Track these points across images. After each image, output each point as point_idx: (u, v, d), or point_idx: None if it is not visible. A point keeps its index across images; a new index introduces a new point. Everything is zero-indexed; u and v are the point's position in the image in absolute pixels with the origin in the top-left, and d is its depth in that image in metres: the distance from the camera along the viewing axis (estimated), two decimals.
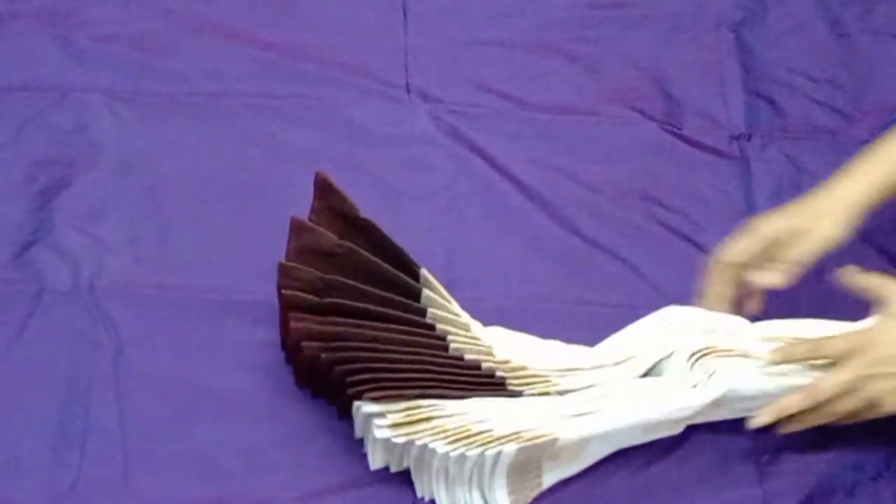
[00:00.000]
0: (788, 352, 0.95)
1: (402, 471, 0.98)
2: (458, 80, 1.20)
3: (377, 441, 0.95)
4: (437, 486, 0.97)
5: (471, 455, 0.91)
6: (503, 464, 0.93)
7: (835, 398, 0.93)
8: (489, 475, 0.95)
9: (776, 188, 1.15)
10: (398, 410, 0.92)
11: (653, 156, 1.16)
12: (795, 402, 0.93)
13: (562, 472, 0.98)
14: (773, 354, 0.95)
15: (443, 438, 0.91)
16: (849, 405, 0.94)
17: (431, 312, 0.97)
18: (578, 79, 1.21)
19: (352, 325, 0.95)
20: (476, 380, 0.95)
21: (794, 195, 1.10)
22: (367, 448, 0.99)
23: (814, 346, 0.95)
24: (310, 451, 1.00)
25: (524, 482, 0.97)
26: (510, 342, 0.98)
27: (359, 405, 0.94)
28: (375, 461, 0.98)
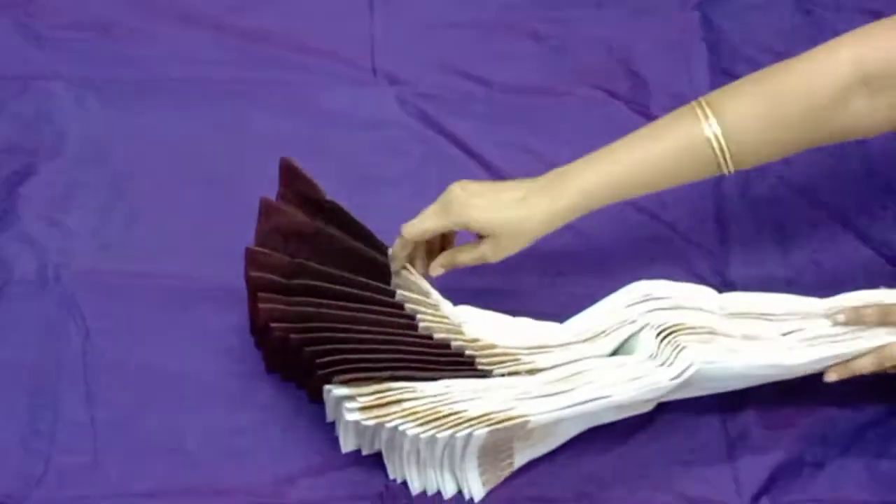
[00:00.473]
0: (859, 315, 0.97)
1: (374, 453, 0.98)
2: (426, 63, 1.20)
3: (348, 424, 0.95)
4: (409, 469, 0.97)
5: (441, 437, 0.91)
6: (474, 445, 0.93)
7: None
8: (460, 457, 0.95)
9: None
10: (368, 393, 0.92)
11: (621, 135, 1.16)
12: (868, 365, 0.96)
13: (533, 452, 0.99)
14: (845, 315, 0.97)
15: (413, 421, 0.91)
16: None
17: (400, 293, 0.97)
18: (546, 59, 1.21)
19: (321, 306, 0.95)
20: (446, 359, 0.94)
21: (760, 174, 1.10)
22: (339, 431, 0.99)
23: (884, 311, 0.96)
24: (281, 436, 1.00)
25: (495, 463, 0.97)
26: (480, 320, 0.97)
27: (329, 388, 0.94)
28: (347, 444, 0.98)
